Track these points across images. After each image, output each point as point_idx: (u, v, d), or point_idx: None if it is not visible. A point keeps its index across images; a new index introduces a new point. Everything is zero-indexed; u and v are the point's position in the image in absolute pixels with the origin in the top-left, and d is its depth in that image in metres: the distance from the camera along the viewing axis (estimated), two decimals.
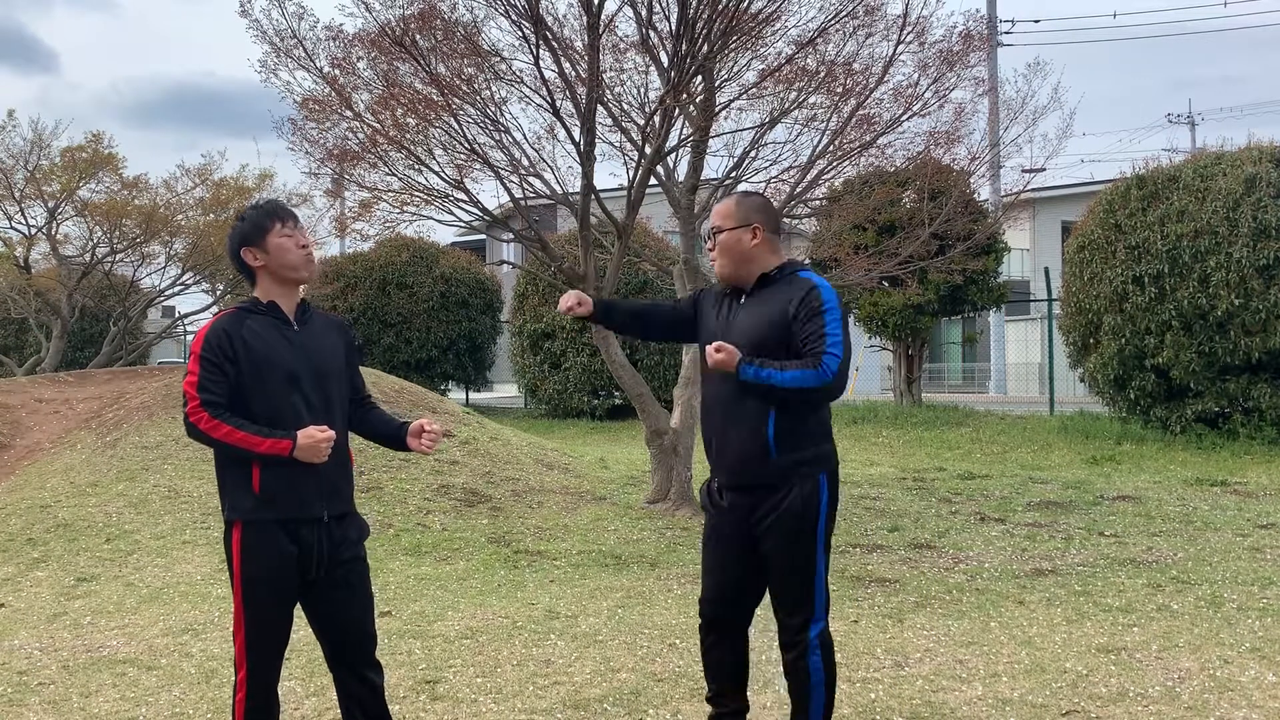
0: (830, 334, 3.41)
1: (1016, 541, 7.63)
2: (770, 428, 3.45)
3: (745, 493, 3.56)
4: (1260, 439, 11.74)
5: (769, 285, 3.57)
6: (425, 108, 8.61)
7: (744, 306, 3.60)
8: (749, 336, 3.50)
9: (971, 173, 11.72)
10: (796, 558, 3.51)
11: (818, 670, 3.52)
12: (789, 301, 3.47)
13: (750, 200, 3.69)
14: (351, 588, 3.34)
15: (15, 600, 6.43)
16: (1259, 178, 11.92)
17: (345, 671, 3.38)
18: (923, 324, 17.74)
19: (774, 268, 3.58)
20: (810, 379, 3.37)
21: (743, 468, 3.53)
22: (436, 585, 6.61)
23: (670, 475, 9.02)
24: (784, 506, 3.48)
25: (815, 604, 3.54)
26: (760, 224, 3.58)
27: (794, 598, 3.54)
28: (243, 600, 3.21)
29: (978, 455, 12.97)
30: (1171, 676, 4.53)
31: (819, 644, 3.54)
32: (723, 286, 3.72)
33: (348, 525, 3.34)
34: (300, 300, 3.35)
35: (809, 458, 3.50)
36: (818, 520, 3.51)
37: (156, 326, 31.38)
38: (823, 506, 3.51)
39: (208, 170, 23.75)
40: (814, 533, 3.51)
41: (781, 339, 3.46)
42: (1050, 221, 27.99)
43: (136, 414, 10.55)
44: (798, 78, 9.14)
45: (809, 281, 3.52)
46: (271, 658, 3.27)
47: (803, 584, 3.53)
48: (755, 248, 3.57)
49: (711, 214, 3.71)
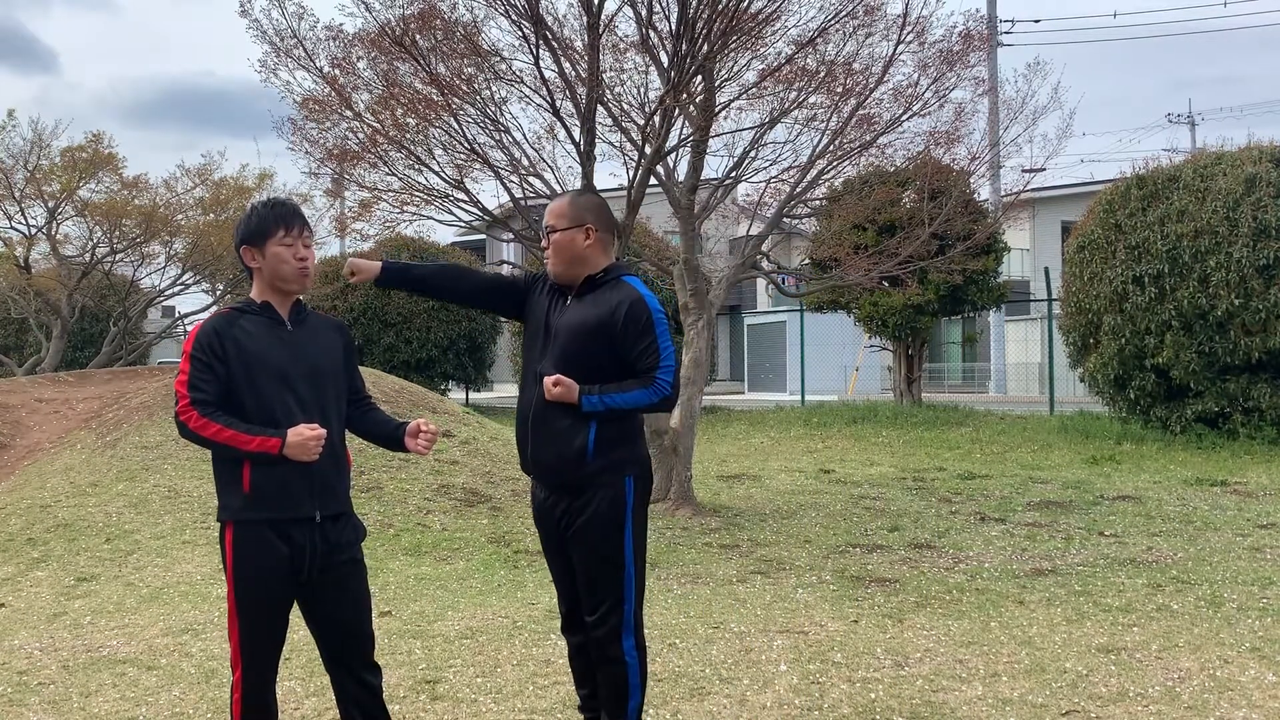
0: (661, 349, 3.44)
1: (1016, 541, 7.63)
2: (590, 434, 3.44)
3: (558, 494, 3.54)
4: (1260, 439, 11.74)
5: (595, 288, 3.54)
6: (425, 108, 8.62)
7: (569, 308, 3.56)
8: (574, 339, 3.48)
9: (971, 173, 11.73)
10: (604, 562, 3.46)
11: (635, 671, 3.48)
12: (613, 308, 3.46)
13: (584, 200, 3.66)
14: (347, 589, 3.32)
15: (15, 600, 6.43)
16: (1259, 178, 11.92)
17: (343, 673, 3.37)
18: (923, 324, 17.75)
19: (600, 270, 3.56)
20: (647, 397, 3.44)
21: (559, 470, 3.50)
22: (436, 585, 6.61)
23: (670, 475, 9.02)
24: (591, 510, 3.45)
25: (625, 610, 3.47)
26: (594, 224, 3.55)
27: (600, 601, 3.47)
28: (235, 600, 3.20)
29: (978, 455, 12.97)
30: (1171, 676, 4.53)
31: (635, 656, 3.49)
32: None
33: (343, 526, 3.31)
34: (295, 301, 3.34)
35: (621, 460, 3.48)
36: (624, 522, 3.46)
37: (156, 326, 31.37)
38: (629, 508, 3.48)
39: (208, 170, 23.76)
40: (621, 535, 3.46)
41: (604, 345, 3.46)
42: (1050, 221, 27.99)
43: (136, 414, 10.56)
44: (798, 78, 9.14)
45: (633, 291, 3.49)
46: (266, 658, 3.25)
47: (610, 587, 3.47)
48: (588, 248, 3.54)
49: (546, 212, 3.68)
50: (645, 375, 3.44)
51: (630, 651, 3.48)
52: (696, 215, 9.56)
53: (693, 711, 4.25)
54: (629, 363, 3.46)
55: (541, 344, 3.56)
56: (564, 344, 3.49)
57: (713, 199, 9.94)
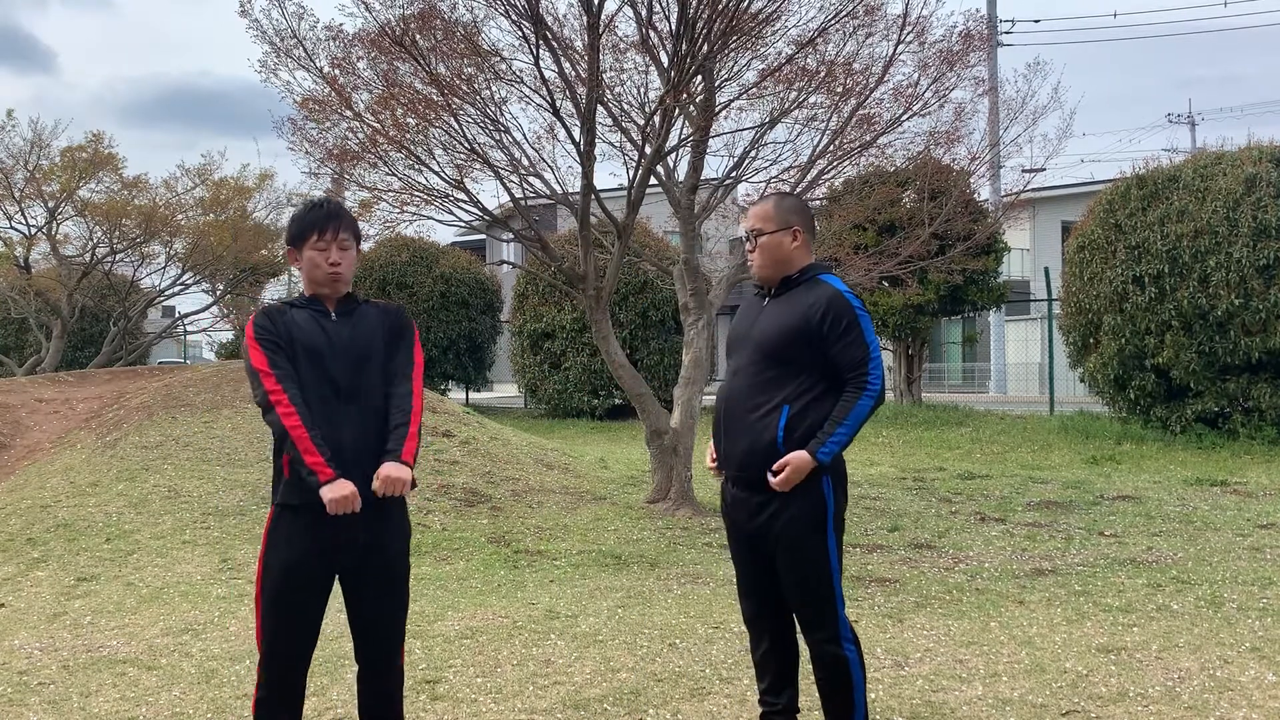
0: (869, 343, 3.45)
1: (1016, 541, 7.63)
2: (780, 423, 3.45)
3: (750, 491, 3.54)
4: (1260, 439, 11.74)
5: (792, 288, 3.58)
6: (425, 108, 8.61)
7: (766, 309, 3.61)
8: (772, 339, 3.52)
9: (971, 173, 11.73)
10: (811, 566, 3.47)
11: (855, 665, 3.51)
12: (812, 307, 3.47)
13: (788, 203, 3.71)
14: (381, 585, 3.30)
15: (15, 600, 6.42)
16: (1259, 178, 11.92)
17: (364, 669, 3.37)
18: (923, 324, 17.76)
19: (797, 270, 3.60)
20: (868, 402, 3.44)
21: (749, 464, 3.51)
22: (436, 585, 6.61)
23: (670, 475, 9.02)
24: (791, 512, 3.46)
25: (838, 610, 3.49)
26: (799, 226, 3.61)
27: (815, 611, 3.50)
28: (260, 587, 3.24)
29: (978, 455, 12.97)
30: (1171, 676, 4.52)
31: (853, 649, 3.52)
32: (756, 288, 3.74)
33: (386, 519, 3.28)
34: (346, 294, 3.38)
35: None
36: (826, 526, 3.47)
37: (156, 326, 31.39)
38: (830, 510, 3.48)
39: (208, 170, 23.78)
40: (824, 538, 3.47)
41: (802, 345, 3.47)
42: (1050, 221, 28.00)
43: (136, 414, 10.56)
44: (798, 78, 9.14)
45: (831, 288, 3.52)
46: (288, 651, 3.24)
47: (821, 592, 3.49)
48: (795, 250, 3.60)
49: (749, 216, 3.71)
50: (856, 375, 3.43)
51: (849, 648, 3.50)
52: (696, 215, 9.56)
53: (693, 711, 4.25)
54: (833, 360, 3.45)
55: (741, 345, 3.62)
56: (762, 345, 3.53)
57: (713, 199, 9.94)
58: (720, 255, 14.95)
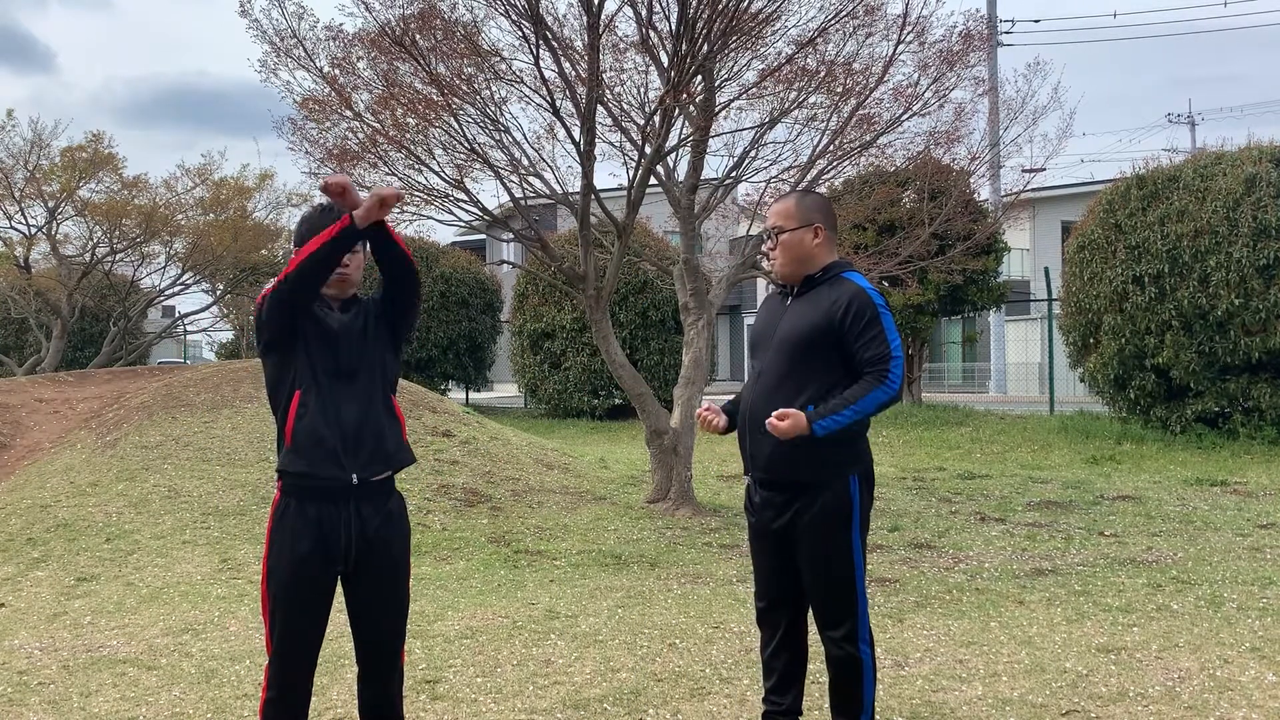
0: (890, 340, 3.42)
1: (1016, 541, 7.63)
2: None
3: (774, 491, 3.54)
4: (1260, 439, 11.74)
5: (814, 286, 3.56)
6: (425, 108, 8.62)
7: (789, 308, 3.59)
8: (795, 338, 3.50)
9: (971, 173, 11.73)
10: (833, 565, 3.47)
11: (868, 668, 3.51)
12: (835, 305, 3.46)
13: (810, 200, 3.68)
14: (381, 585, 3.29)
15: (15, 600, 6.43)
16: (1259, 178, 11.92)
17: (364, 669, 3.35)
18: (923, 324, 17.75)
19: (820, 268, 3.58)
20: (884, 394, 3.39)
21: (774, 466, 3.50)
22: (436, 585, 6.61)
23: (670, 475, 9.02)
24: (815, 510, 3.45)
25: (859, 612, 3.48)
26: (821, 224, 3.59)
27: (835, 609, 3.50)
28: (265, 589, 3.22)
29: (978, 455, 12.97)
30: (1171, 676, 4.52)
31: (869, 652, 3.52)
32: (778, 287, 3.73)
33: (380, 507, 3.28)
34: (352, 294, 3.42)
35: (841, 459, 3.47)
36: (851, 524, 3.46)
37: (156, 326, 31.41)
38: (855, 508, 3.47)
39: (207, 170, 23.80)
40: (849, 537, 3.46)
41: (826, 343, 3.45)
42: (1050, 221, 27.99)
43: (136, 414, 10.56)
44: (798, 78, 9.14)
45: (853, 285, 3.50)
46: (295, 652, 3.22)
47: (843, 592, 3.48)
48: (817, 247, 3.57)
49: (770, 213, 3.69)
50: (877, 369, 3.39)
51: (865, 650, 3.50)
52: (696, 215, 9.56)
53: (693, 711, 4.25)
54: (855, 357, 3.43)
55: (765, 345, 3.60)
56: (785, 345, 3.51)
57: (713, 199, 9.95)
58: (720, 255, 14.96)
